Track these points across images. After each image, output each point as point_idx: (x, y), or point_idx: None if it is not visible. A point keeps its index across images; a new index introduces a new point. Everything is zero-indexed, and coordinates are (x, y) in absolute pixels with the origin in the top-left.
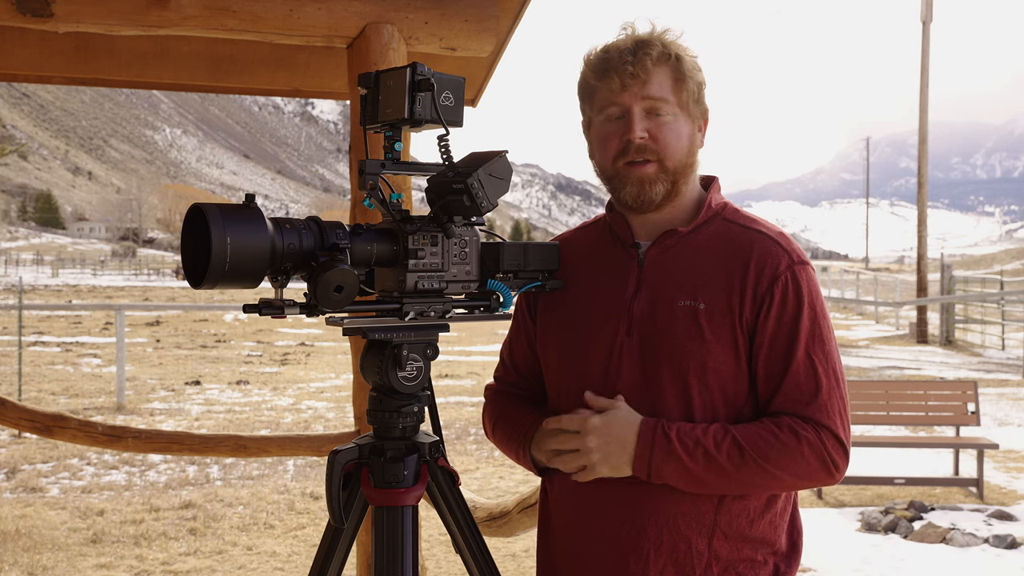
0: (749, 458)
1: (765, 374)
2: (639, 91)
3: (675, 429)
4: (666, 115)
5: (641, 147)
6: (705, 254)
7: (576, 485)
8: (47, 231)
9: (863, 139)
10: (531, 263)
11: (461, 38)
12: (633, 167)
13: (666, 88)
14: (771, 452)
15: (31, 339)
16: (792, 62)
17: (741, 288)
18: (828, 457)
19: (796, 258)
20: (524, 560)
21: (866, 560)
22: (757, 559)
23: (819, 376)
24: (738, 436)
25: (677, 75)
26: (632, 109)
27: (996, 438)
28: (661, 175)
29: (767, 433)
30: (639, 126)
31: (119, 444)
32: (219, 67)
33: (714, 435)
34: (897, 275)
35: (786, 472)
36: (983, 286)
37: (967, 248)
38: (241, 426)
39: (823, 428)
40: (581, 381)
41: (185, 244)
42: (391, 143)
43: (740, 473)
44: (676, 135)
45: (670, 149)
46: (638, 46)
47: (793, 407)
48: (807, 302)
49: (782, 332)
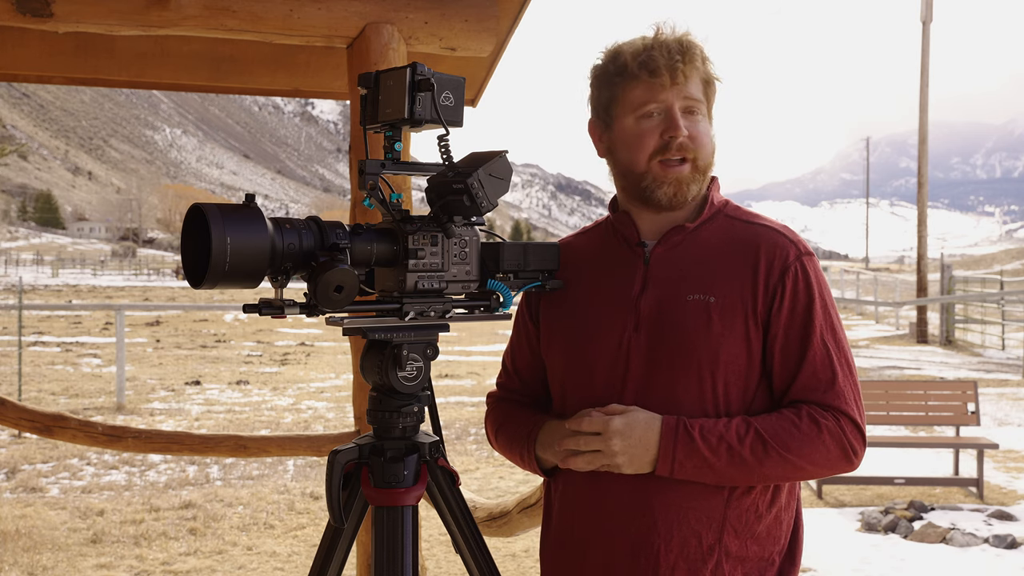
0: (772, 450)
1: (781, 365)
2: (680, 91)
3: (697, 426)
4: (699, 116)
5: (683, 145)
6: (712, 249)
7: (584, 483)
8: (47, 231)
9: (863, 139)
10: (531, 263)
11: (461, 38)
12: (669, 167)
13: (699, 90)
14: (792, 442)
15: (31, 339)
16: (792, 62)
17: (753, 280)
18: (848, 443)
19: (803, 249)
20: (524, 560)
21: (866, 560)
22: (764, 556)
23: (834, 364)
24: (760, 428)
25: (707, 78)
26: (674, 107)
27: (996, 438)
28: (695, 175)
29: (788, 424)
30: (684, 123)
31: (119, 444)
32: (219, 67)
33: (736, 429)
34: (897, 275)
35: (808, 461)
36: (983, 286)
37: (967, 248)
38: (241, 426)
39: (842, 414)
40: (588, 379)
41: (185, 244)
42: (391, 143)
43: (763, 466)
44: (706, 135)
45: (704, 150)
46: (685, 47)
47: (811, 395)
48: (817, 292)
49: (796, 322)
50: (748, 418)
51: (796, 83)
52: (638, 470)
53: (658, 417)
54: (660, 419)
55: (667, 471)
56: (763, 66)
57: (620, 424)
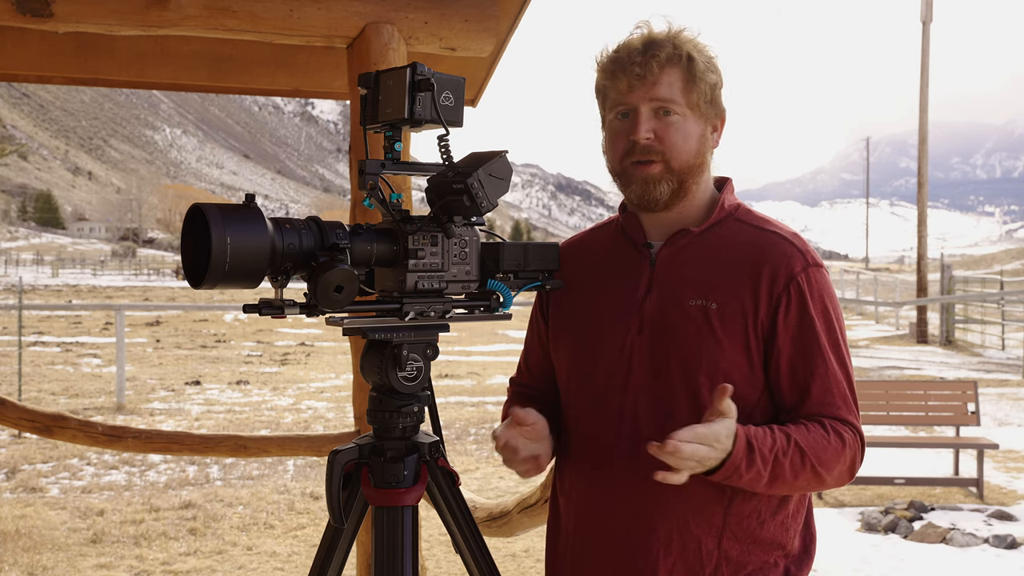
0: (808, 462)
1: (789, 378)
2: (647, 92)
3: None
4: (674, 116)
5: (646, 147)
6: (718, 254)
7: (587, 484)
8: (47, 231)
9: (863, 139)
10: (531, 263)
11: (461, 38)
12: (639, 167)
13: (676, 89)
14: (825, 456)
15: (31, 339)
16: (792, 62)
17: (756, 289)
18: (857, 458)
19: (811, 260)
20: (524, 560)
21: (866, 560)
22: (768, 561)
23: (841, 379)
24: (800, 441)
25: (688, 76)
26: (639, 109)
27: (996, 438)
28: (667, 175)
29: (821, 438)
30: (644, 127)
31: (119, 444)
32: (219, 67)
33: (780, 441)
34: (897, 275)
35: (830, 474)
36: (983, 286)
37: (967, 248)
38: (241, 426)
39: (856, 430)
40: (592, 380)
41: (185, 244)
42: (391, 143)
43: (797, 479)
44: (683, 136)
45: (676, 150)
46: (647, 46)
47: (828, 410)
48: (823, 304)
49: (803, 335)
50: (784, 428)
51: (796, 83)
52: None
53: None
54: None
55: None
56: (763, 66)
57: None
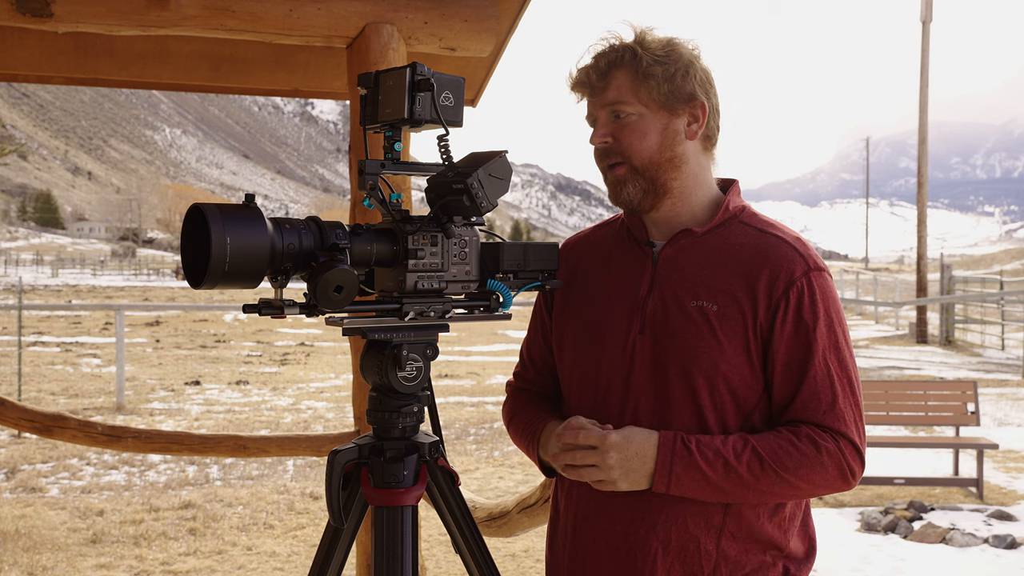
0: (769, 468)
1: (782, 382)
2: (600, 99)
3: (695, 441)
4: (628, 116)
5: (604, 151)
6: (720, 256)
7: (586, 483)
8: (47, 231)
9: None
10: (531, 263)
11: (461, 38)
12: (609, 171)
13: (625, 90)
14: (790, 462)
15: (31, 339)
16: (791, 62)
17: (755, 292)
18: (846, 465)
19: (813, 264)
20: (524, 560)
21: (866, 560)
22: (766, 560)
23: (835, 384)
24: (758, 447)
25: (634, 74)
26: (598, 117)
27: (996, 438)
28: (632, 175)
29: (786, 443)
30: (598, 132)
31: (119, 444)
32: (219, 67)
33: (734, 446)
34: (897, 275)
35: (804, 481)
36: (983, 286)
37: (967, 248)
38: (241, 426)
39: (841, 436)
40: (594, 378)
41: (185, 244)
42: (391, 143)
43: (760, 483)
44: (640, 134)
45: (634, 148)
46: (595, 56)
47: (810, 415)
48: (823, 309)
49: (799, 340)
50: (745, 435)
51: (795, 83)
52: (633, 486)
53: (655, 432)
54: (657, 434)
55: (664, 486)
56: (762, 66)
57: (617, 438)
